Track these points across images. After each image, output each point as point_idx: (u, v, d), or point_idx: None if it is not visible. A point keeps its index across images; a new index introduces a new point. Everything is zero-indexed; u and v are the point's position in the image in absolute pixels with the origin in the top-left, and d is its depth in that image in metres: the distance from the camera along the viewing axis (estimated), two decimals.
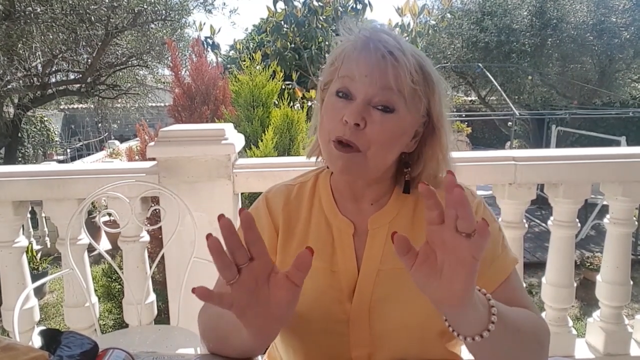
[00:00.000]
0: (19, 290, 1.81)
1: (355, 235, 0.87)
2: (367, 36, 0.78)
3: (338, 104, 0.79)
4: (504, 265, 0.84)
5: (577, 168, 1.83)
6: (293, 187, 0.95)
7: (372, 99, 0.77)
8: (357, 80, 0.77)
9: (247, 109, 3.70)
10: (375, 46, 0.76)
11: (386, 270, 0.84)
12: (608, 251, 1.96)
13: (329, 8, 8.20)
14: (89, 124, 16.48)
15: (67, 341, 0.73)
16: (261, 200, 0.95)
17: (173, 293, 1.86)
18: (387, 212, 0.88)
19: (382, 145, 0.78)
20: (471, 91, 12.56)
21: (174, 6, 7.20)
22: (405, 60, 0.75)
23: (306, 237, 0.89)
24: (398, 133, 0.79)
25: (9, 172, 1.82)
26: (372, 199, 0.89)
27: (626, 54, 9.30)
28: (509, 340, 0.70)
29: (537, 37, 9.28)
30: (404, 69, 0.75)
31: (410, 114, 0.79)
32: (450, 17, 10.75)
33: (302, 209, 0.92)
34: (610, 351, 1.96)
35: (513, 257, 0.86)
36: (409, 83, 0.75)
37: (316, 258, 0.85)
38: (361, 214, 0.89)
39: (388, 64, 0.75)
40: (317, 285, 0.85)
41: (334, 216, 0.89)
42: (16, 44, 5.94)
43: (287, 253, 0.89)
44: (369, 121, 0.77)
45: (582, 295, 4.59)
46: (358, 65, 0.77)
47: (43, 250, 5.95)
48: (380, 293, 0.82)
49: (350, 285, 0.84)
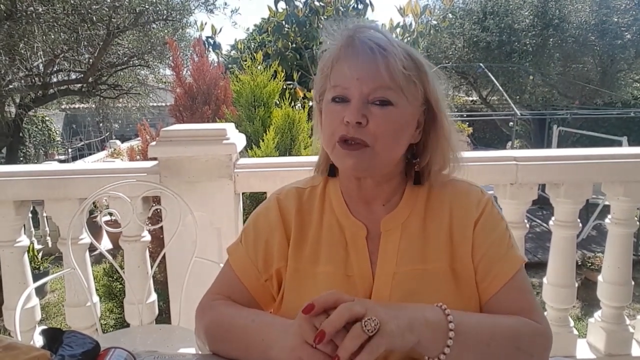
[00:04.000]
0: (20, 289, 1.81)
1: (369, 238, 0.86)
2: (350, 34, 0.78)
3: (336, 108, 0.79)
4: (509, 265, 0.83)
5: (578, 168, 1.82)
6: (304, 191, 0.93)
7: (369, 97, 0.77)
8: (350, 85, 0.77)
9: (248, 108, 3.70)
10: (361, 41, 0.77)
11: (402, 273, 0.83)
12: (609, 251, 1.95)
13: (330, 8, 8.19)
14: (91, 124, 16.50)
15: (69, 340, 0.73)
16: (272, 200, 0.93)
17: (174, 293, 1.86)
18: (399, 213, 0.87)
19: (388, 138, 0.79)
20: (472, 91, 12.55)
21: (176, 6, 7.19)
22: (393, 48, 0.76)
23: (319, 241, 0.88)
24: (401, 124, 0.80)
25: (10, 172, 1.82)
26: (383, 200, 0.88)
27: (628, 54, 9.29)
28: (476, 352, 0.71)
29: (538, 37, 9.27)
30: (394, 56, 0.75)
31: (410, 103, 0.79)
32: (452, 17, 10.73)
33: (313, 213, 0.90)
34: (612, 351, 1.96)
35: (519, 256, 0.85)
36: (401, 69, 0.76)
37: (330, 263, 0.86)
38: (373, 216, 0.88)
39: (377, 56, 0.75)
40: None
41: (346, 219, 0.88)
42: (18, 43, 5.95)
43: (299, 259, 0.87)
44: (370, 117, 0.77)
45: (583, 295, 4.58)
46: (348, 68, 0.77)
47: (44, 250, 5.96)
48: (397, 296, 0.81)
49: (366, 289, 0.83)
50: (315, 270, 0.85)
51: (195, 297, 1.69)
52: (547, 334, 0.80)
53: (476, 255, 0.84)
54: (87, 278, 1.83)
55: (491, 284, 0.82)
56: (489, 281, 0.82)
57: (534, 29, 9.33)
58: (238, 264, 0.91)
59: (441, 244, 0.84)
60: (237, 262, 0.92)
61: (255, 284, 0.89)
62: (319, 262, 0.86)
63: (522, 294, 0.83)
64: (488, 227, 0.85)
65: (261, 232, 0.91)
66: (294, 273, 0.87)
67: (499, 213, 0.89)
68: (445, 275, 0.82)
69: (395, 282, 0.82)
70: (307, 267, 0.86)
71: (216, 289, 0.93)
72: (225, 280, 0.93)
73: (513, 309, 0.80)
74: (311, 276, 0.85)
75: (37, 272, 4.70)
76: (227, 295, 0.90)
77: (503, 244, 0.85)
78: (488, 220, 0.86)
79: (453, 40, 10.66)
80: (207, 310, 0.89)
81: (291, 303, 0.86)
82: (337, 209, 0.89)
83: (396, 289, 0.82)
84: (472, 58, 10.22)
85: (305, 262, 0.87)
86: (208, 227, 1.78)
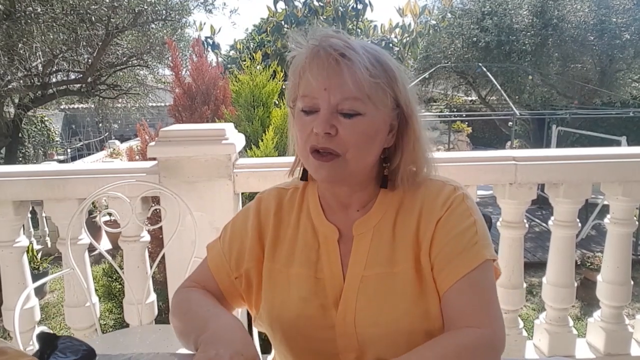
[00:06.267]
0: (19, 290, 1.81)
1: (342, 242, 0.87)
2: (316, 45, 0.78)
3: (306, 120, 0.80)
4: (466, 261, 0.80)
5: (577, 168, 1.82)
6: (287, 192, 0.96)
7: (337, 106, 0.77)
8: (318, 95, 0.78)
9: (247, 108, 3.71)
10: (326, 52, 0.76)
11: (370, 276, 0.83)
12: (608, 251, 1.96)
13: (329, 8, 8.20)
14: (90, 124, 16.48)
15: (63, 346, 0.72)
16: (254, 201, 0.96)
17: (174, 293, 1.86)
18: (371, 217, 0.87)
19: (359, 147, 0.79)
20: (471, 91, 12.56)
21: (174, 6, 7.19)
22: (358, 57, 0.76)
23: (294, 243, 0.90)
24: (372, 132, 0.80)
25: (9, 172, 1.82)
26: (358, 206, 0.89)
27: (627, 54, 9.29)
28: None
29: (537, 36, 9.28)
30: (359, 66, 0.75)
31: (379, 110, 0.79)
32: (451, 17, 10.76)
33: (292, 215, 0.92)
34: (611, 351, 1.96)
35: (483, 253, 0.81)
36: (368, 78, 0.75)
37: (302, 265, 0.88)
38: (348, 219, 0.89)
39: (342, 67, 0.75)
40: (301, 292, 0.85)
41: (320, 222, 0.89)
42: (17, 43, 5.94)
43: (275, 258, 0.90)
44: (340, 127, 0.77)
45: (582, 295, 4.58)
46: (316, 79, 0.77)
47: (44, 250, 5.95)
48: (364, 299, 0.82)
49: (335, 291, 0.84)
50: (289, 271, 0.88)
51: None
52: (489, 342, 0.76)
53: (433, 251, 0.82)
54: (86, 278, 1.83)
55: (445, 280, 0.80)
56: (443, 276, 0.81)
57: (532, 28, 9.34)
58: (213, 260, 0.96)
59: (408, 245, 0.84)
60: (212, 259, 0.96)
61: (225, 280, 0.93)
62: (293, 263, 0.88)
63: (475, 292, 0.79)
64: (450, 223, 0.83)
65: (237, 232, 0.95)
66: (270, 272, 0.90)
67: (469, 209, 0.84)
68: (411, 277, 0.82)
69: (362, 286, 0.83)
70: (282, 267, 0.89)
71: (194, 277, 0.99)
72: (202, 273, 0.97)
73: (463, 307, 0.78)
74: (285, 277, 0.88)
75: (37, 273, 4.69)
76: (202, 286, 0.95)
77: (464, 240, 0.81)
78: (452, 217, 0.83)
79: (452, 40, 10.67)
80: (180, 290, 0.95)
81: (267, 302, 0.89)
82: (313, 211, 0.91)
83: (363, 293, 0.82)
84: (471, 58, 10.23)
85: (280, 263, 0.89)
86: (207, 227, 1.78)
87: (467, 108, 15.76)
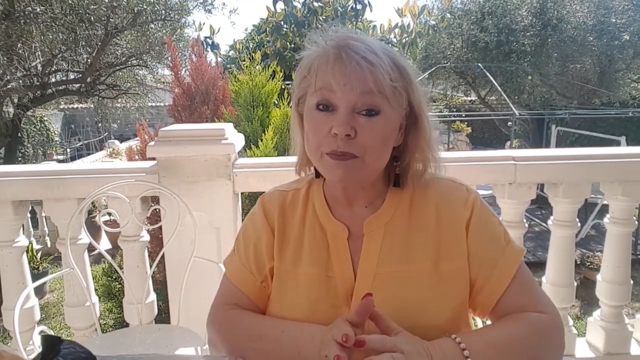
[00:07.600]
0: (19, 289, 1.81)
1: (351, 240, 0.87)
2: (336, 47, 0.77)
3: (321, 118, 0.78)
4: (510, 263, 0.84)
5: (577, 168, 1.83)
6: (287, 194, 0.95)
7: (355, 106, 0.76)
8: (336, 90, 0.76)
9: (246, 108, 3.71)
10: (348, 55, 0.75)
11: (383, 274, 0.83)
12: (608, 250, 1.96)
13: (328, 8, 8.21)
14: (89, 124, 16.48)
15: (66, 352, 0.72)
16: (258, 205, 0.96)
17: (173, 292, 1.86)
18: (383, 214, 0.87)
19: (377, 148, 0.79)
20: (471, 91, 12.55)
21: (174, 6, 7.19)
22: (380, 61, 0.75)
23: (301, 243, 0.89)
24: (388, 133, 0.80)
25: (8, 172, 1.82)
26: (366, 202, 0.89)
27: (626, 54, 9.30)
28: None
29: (537, 37, 9.28)
30: (381, 70, 0.75)
31: (395, 110, 0.79)
32: (450, 17, 10.75)
33: (296, 216, 0.92)
34: (611, 350, 1.96)
35: (518, 249, 0.86)
36: (388, 82, 0.75)
37: (311, 264, 0.87)
38: (355, 217, 0.88)
39: (365, 70, 0.75)
40: (312, 291, 0.85)
41: (328, 221, 0.89)
42: (16, 43, 5.93)
43: (283, 259, 0.89)
44: (358, 128, 0.77)
45: (582, 294, 4.59)
46: (334, 76, 0.76)
47: (43, 250, 5.95)
48: (378, 297, 0.81)
49: (347, 290, 0.84)
50: (297, 270, 0.87)
51: (194, 297, 1.70)
52: (554, 324, 0.81)
53: (474, 258, 0.84)
54: (86, 278, 1.83)
55: (496, 286, 0.83)
56: (493, 283, 0.83)
57: (532, 29, 9.34)
58: (234, 273, 0.94)
59: (426, 244, 0.84)
60: (233, 272, 0.95)
61: (252, 289, 0.92)
62: (301, 263, 0.88)
63: (526, 288, 0.84)
64: (481, 226, 0.85)
65: (250, 238, 0.94)
66: (277, 273, 0.90)
67: (488, 209, 0.88)
68: (428, 275, 0.82)
69: (376, 283, 0.83)
70: (290, 267, 0.88)
71: (222, 300, 0.95)
72: (227, 291, 0.95)
73: (520, 304, 0.82)
74: (293, 277, 0.87)
75: (36, 272, 4.69)
76: (234, 304, 0.92)
77: (500, 242, 0.85)
78: (480, 219, 0.86)
79: (451, 40, 10.67)
80: (225, 322, 0.91)
81: (275, 302, 0.89)
82: (319, 210, 0.91)
83: (376, 290, 0.82)
84: (471, 58, 10.23)
85: (287, 263, 0.89)
86: (207, 226, 1.78)
87: (467, 108, 15.77)
